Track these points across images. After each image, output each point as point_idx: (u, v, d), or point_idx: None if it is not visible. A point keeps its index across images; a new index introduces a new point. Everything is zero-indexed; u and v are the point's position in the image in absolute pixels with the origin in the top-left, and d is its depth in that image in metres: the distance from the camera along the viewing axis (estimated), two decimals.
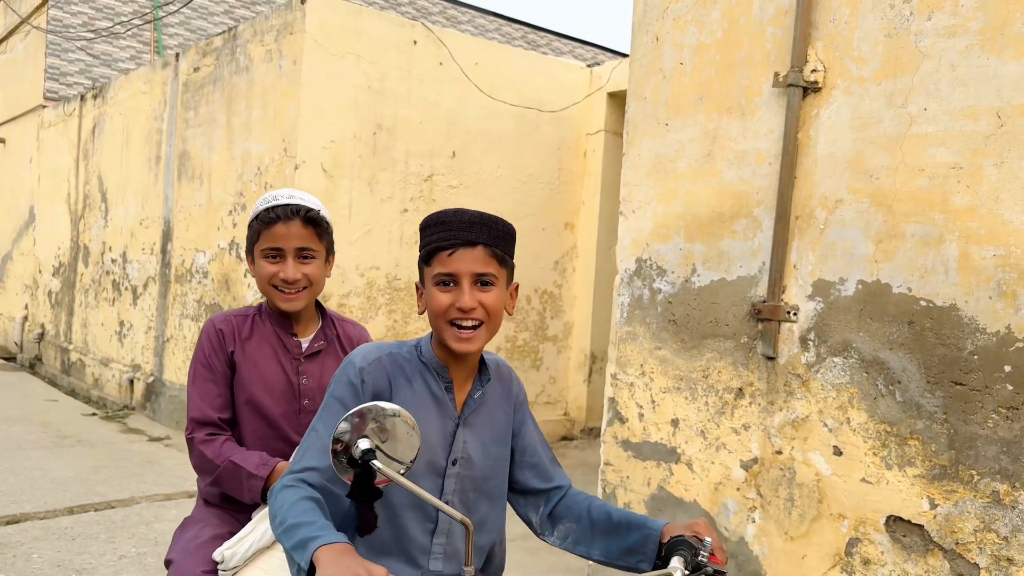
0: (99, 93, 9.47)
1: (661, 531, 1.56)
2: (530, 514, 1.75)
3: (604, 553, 1.64)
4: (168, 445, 6.86)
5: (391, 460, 1.35)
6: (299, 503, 1.37)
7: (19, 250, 12.06)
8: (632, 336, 3.84)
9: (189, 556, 1.95)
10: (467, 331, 1.53)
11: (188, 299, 7.40)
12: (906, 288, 2.86)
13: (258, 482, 1.99)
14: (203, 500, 2.19)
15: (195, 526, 2.08)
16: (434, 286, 1.54)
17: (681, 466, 3.61)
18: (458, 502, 1.62)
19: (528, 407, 1.79)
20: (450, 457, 1.61)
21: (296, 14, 6.05)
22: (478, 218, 1.54)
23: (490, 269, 1.53)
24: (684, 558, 1.46)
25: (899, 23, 2.90)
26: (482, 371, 1.67)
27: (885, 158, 2.93)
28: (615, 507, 1.68)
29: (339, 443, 1.33)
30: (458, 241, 1.51)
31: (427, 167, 6.63)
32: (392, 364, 1.59)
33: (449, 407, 1.62)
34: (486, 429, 1.66)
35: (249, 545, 1.93)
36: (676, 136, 3.64)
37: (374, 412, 1.34)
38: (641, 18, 3.84)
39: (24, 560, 4.19)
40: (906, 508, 2.84)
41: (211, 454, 2.05)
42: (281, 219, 2.06)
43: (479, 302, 1.52)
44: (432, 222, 1.56)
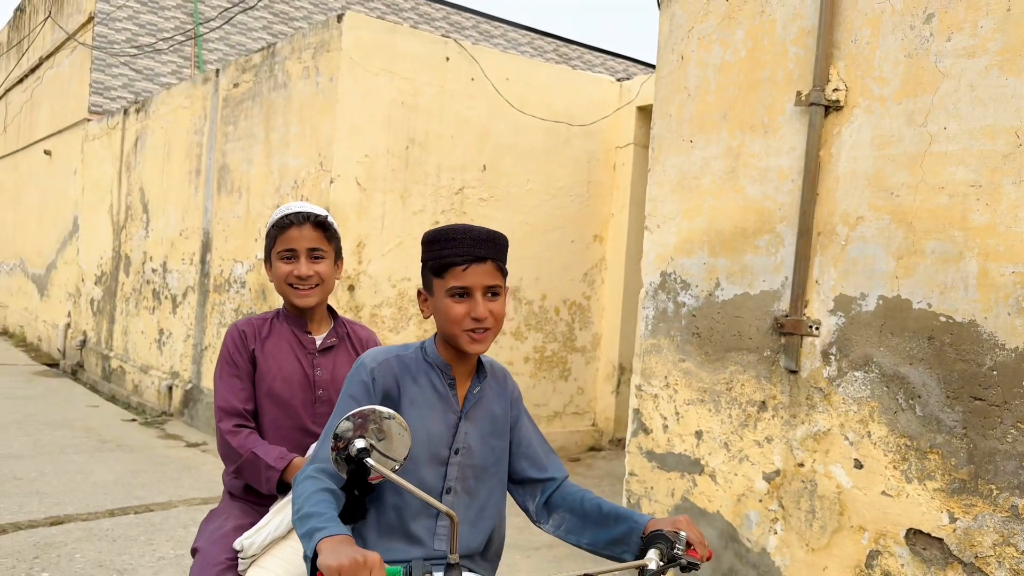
0: (142, 107, 9.76)
1: (645, 525, 1.68)
2: (527, 502, 1.90)
3: (592, 542, 1.78)
4: (205, 451, 7.03)
5: (386, 458, 1.49)
6: (315, 494, 1.53)
7: (63, 259, 12.41)
8: (657, 348, 3.91)
9: (213, 545, 2.14)
10: (480, 336, 1.70)
11: (226, 308, 7.59)
12: (926, 304, 2.90)
13: (275, 473, 2.17)
14: (228, 493, 2.38)
15: (219, 517, 2.26)
16: (448, 297, 1.70)
17: (704, 477, 3.67)
18: (461, 489, 1.77)
19: (523, 404, 1.95)
20: (453, 447, 1.76)
21: (333, 32, 6.22)
22: (486, 235, 1.72)
23: (497, 281, 1.72)
24: (660, 550, 1.57)
25: (919, 44, 2.96)
26: (479, 370, 1.84)
27: (905, 176, 2.98)
28: (606, 501, 1.81)
29: (340, 440, 1.47)
30: (471, 257, 1.68)
31: (458, 180, 6.75)
32: (399, 365, 1.77)
33: (452, 402, 1.78)
34: (485, 422, 1.82)
35: (266, 535, 2.09)
36: (700, 153, 3.72)
37: (372, 415, 1.48)
38: (667, 37, 3.93)
39: (67, 560, 4.35)
40: (926, 521, 2.88)
41: (236, 444, 2.24)
42: (294, 224, 2.32)
43: (490, 311, 1.70)
44: (441, 237, 1.72)
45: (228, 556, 2.10)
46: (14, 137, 15.83)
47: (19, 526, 4.83)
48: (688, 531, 1.62)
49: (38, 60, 14.28)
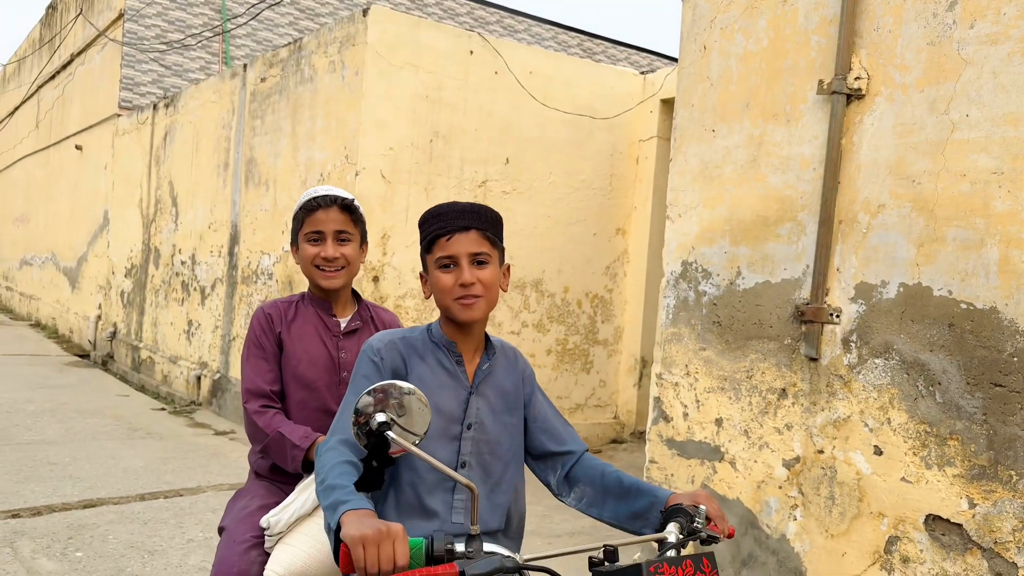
0: (171, 102, 9.91)
1: (666, 499, 1.71)
2: (548, 476, 1.93)
3: (613, 516, 1.81)
4: (233, 439, 7.16)
5: (406, 432, 1.52)
6: (338, 466, 1.57)
7: (93, 252, 12.63)
8: (677, 337, 3.94)
9: (239, 523, 2.20)
10: (470, 301, 1.74)
11: (254, 299, 7.71)
12: (947, 291, 2.91)
13: (299, 452, 2.21)
14: (254, 473, 2.43)
15: (245, 497, 2.32)
16: (437, 269, 1.76)
17: (724, 464, 3.70)
18: (475, 463, 1.80)
19: (536, 382, 1.99)
20: (465, 422, 1.80)
21: (358, 26, 6.30)
22: (469, 207, 1.77)
23: (483, 249, 1.75)
24: (680, 524, 1.59)
25: (942, 31, 2.97)
26: (488, 348, 1.88)
27: (927, 163, 2.99)
28: (627, 474, 1.84)
29: (361, 415, 1.50)
30: (454, 228, 1.73)
31: (481, 173, 6.81)
32: (405, 346, 1.81)
33: (461, 378, 1.82)
34: (496, 397, 1.85)
35: (292, 513, 2.14)
36: (722, 142, 3.74)
37: (392, 390, 1.51)
38: (689, 28, 3.95)
39: (101, 541, 4.46)
40: (945, 507, 2.89)
41: (262, 424, 2.28)
42: (322, 206, 2.37)
43: (477, 278, 1.74)
44: (429, 216, 1.79)
45: (254, 534, 2.15)
46: (46, 133, 16.12)
47: (54, 508, 4.96)
48: (708, 505, 1.63)
49: (69, 57, 14.53)
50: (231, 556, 2.10)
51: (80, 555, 4.26)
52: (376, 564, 1.32)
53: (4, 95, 21.32)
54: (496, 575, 1.36)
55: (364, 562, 1.31)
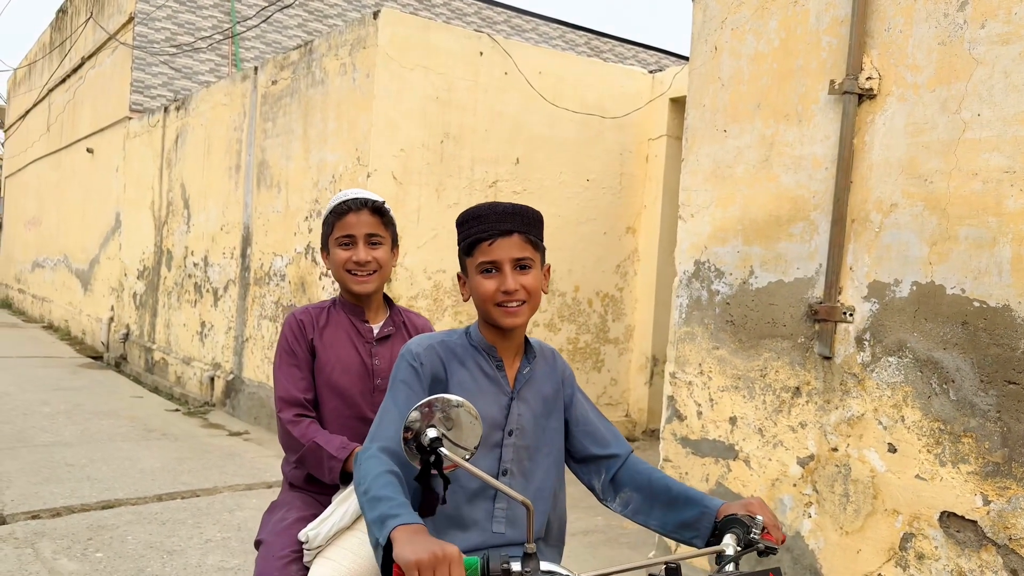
0: (182, 105, 9.98)
1: (717, 510, 1.64)
2: (593, 481, 1.87)
3: (661, 524, 1.75)
4: (247, 440, 7.21)
5: (456, 447, 1.47)
6: (382, 476, 1.51)
7: (106, 254, 12.72)
8: (690, 336, 3.96)
9: (277, 537, 2.14)
10: (513, 308, 1.70)
11: (266, 301, 7.76)
12: (960, 289, 2.93)
13: (337, 463, 2.16)
14: (288, 484, 2.38)
15: (281, 509, 2.27)
16: (479, 274, 1.71)
17: (739, 463, 3.72)
18: (517, 470, 1.76)
19: (576, 383, 1.94)
20: (506, 428, 1.75)
21: (369, 29, 6.34)
22: (511, 209, 1.71)
23: (526, 253, 1.70)
24: (737, 535, 1.53)
25: (953, 31, 2.98)
26: (527, 351, 1.83)
27: (939, 163, 3.00)
28: (675, 481, 1.77)
29: (409, 431, 1.45)
30: (496, 232, 1.68)
31: (492, 174, 6.84)
32: (444, 350, 1.76)
33: (502, 383, 1.78)
34: (537, 402, 1.81)
35: (331, 526, 2.08)
36: (734, 142, 3.76)
37: (441, 403, 1.46)
38: (700, 28, 3.98)
39: (120, 541, 4.52)
40: (960, 504, 2.91)
41: (297, 434, 2.24)
42: (352, 209, 2.32)
43: (520, 284, 1.69)
44: (469, 217, 1.73)
45: (293, 548, 2.10)
46: (57, 136, 16.22)
47: (72, 509, 5.02)
48: (763, 514, 1.58)
49: (80, 60, 14.62)
50: (270, 571, 2.06)
51: (100, 555, 4.31)
52: None
53: (15, 99, 21.45)
54: None
55: None
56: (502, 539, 1.73)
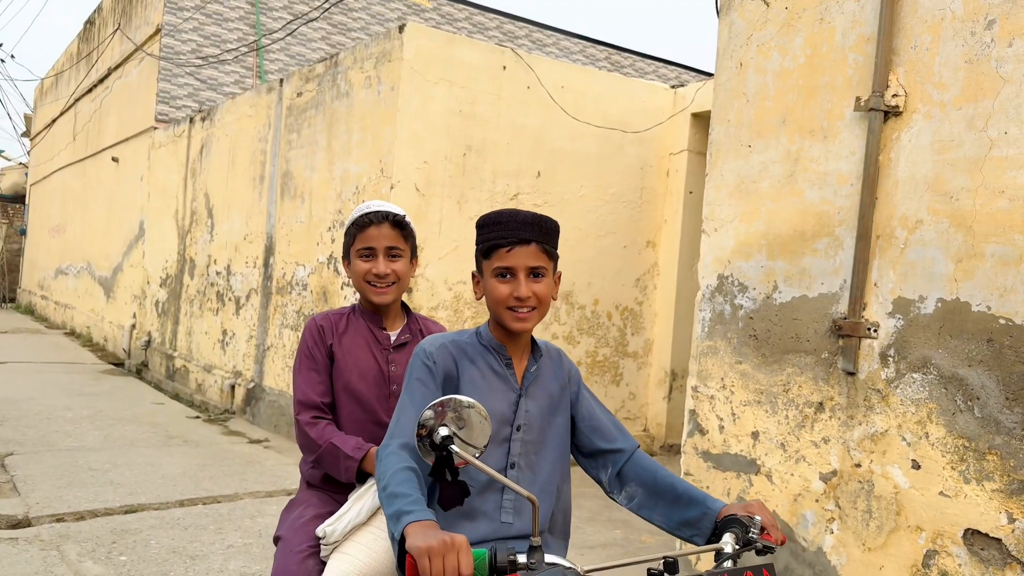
0: (207, 116, 10.11)
1: (719, 511, 1.71)
2: (600, 474, 1.95)
3: (664, 521, 1.83)
4: (267, 447, 7.27)
5: (467, 445, 1.55)
6: (400, 472, 1.61)
7: (129, 262, 12.87)
8: (713, 350, 3.98)
9: (295, 533, 2.23)
10: (523, 313, 1.79)
11: (288, 310, 7.84)
12: (985, 306, 2.93)
13: (353, 463, 2.24)
14: (306, 483, 2.46)
15: (299, 507, 2.35)
16: (494, 277, 1.80)
17: (760, 477, 3.72)
18: (524, 464, 1.85)
19: (582, 381, 2.02)
20: (514, 424, 1.84)
21: (394, 43, 6.42)
22: (531, 218, 1.80)
23: (541, 263, 1.79)
24: (735, 534, 1.61)
25: (980, 49, 3.00)
26: (534, 351, 1.92)
27: (965, 180, 3.01)
28: (680, 480, 1.85)
29: (423, 429, 1.53)
30: (515, 239, 1.77)
31: (513, 186, 6.89)
32: (456, 349, 1.85)
33: (511, 380, 1.86)
34: (544, 399, 1.90)
35: (347, 522, 2.16)
36: (759, 157, 3.79)
37: (452, 404, 1.54)
38: (726, 45, 4.01)
39: (143, 546, 4.57)
40: (984, 522, 2.90)
41: (315, 435, 2.32)
42: (374, 223, 2.40)
43: (532, 291, 1.78)
44: (490, 221, 1.83)
45: (310, 543, 2.18)
46: (83, 145, 16.46)
47: (96, 513, 5.08)
48: (762, 515, 1.65)
49: (107, 71, 14.85)
50: (289, 565, 2.14)
51: (124, 559, 4.36)
52: (442, 574, 1.36)
53: (42, 108, 21.79)
54: None
55: (430, 572, 1.36)
56: (510, 529, 1.81)
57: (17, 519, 4.83)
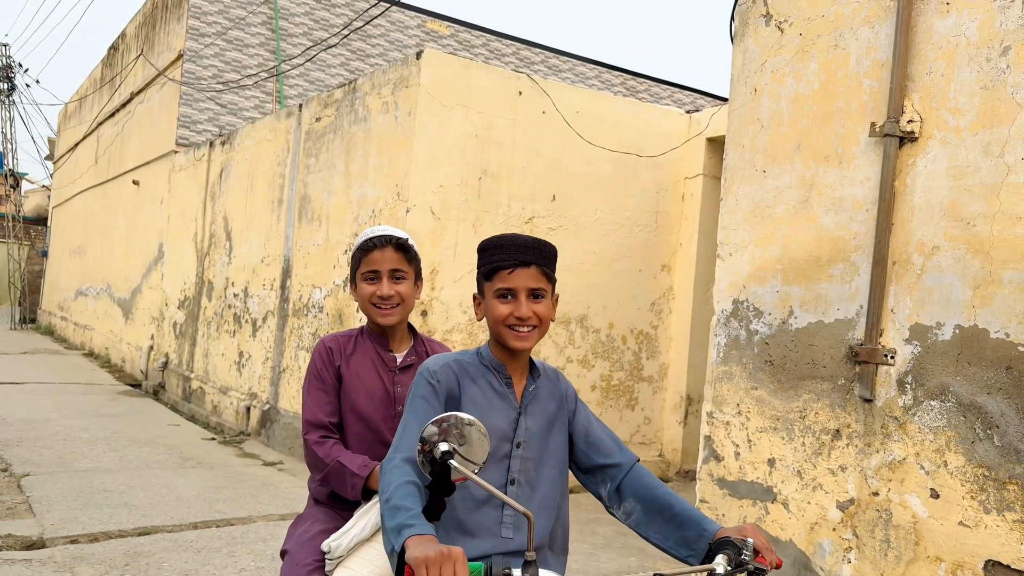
0: (227, 140, 10.23)
1: (714, 533, 1.73)
2: (599, 489, 1.97)
3: (660, 538, 1.85)
4: (281, 470, 7.27)
5: (466, 461, 1.59)
6: (403, 486, 1.64)
7: (148, 284, 12.98)
8: (728, 376, 3.95)
9: (301, 547, 2.28)
10: (524, 332, 1.86)
11: (304, 332, 7.87)
12: (1004, 334, 2.90)
13: (359, 480, 2.29)
14: (313, 499, 2.51)
15: (306, 522, 2.41)
16: (495, 298, 1.86)
17: (777, 505, 3.68)
18: (523, 481, 1.89)
19: (579, 399, 2.05)
20: (514, 441, 1.89)
21: (412, 69, 6.48)
22: (531, 242, 1.88)
23: (541, 284, 1.86)
24: (728, 556, 1.63)
25: (995, 76, 2.99)
26: (532, 371, 1.98)
27: (982, 206, 3.00)
28: (679, 499, 1.87)
29: (425, 444, 1.57)
30: (516, 262, 1.84)
31: (528, 210, 6.91)
32: (459, 368, 1.91)
33: (511, 399, 1.92)
34: (543, 417, 1.94)
35: (352, 537, 2.21)
36: (773, 183, 3.78)
37: (454, 420, 1.58)
38: (740, 71, 4.02)
39: (156, 568, 4.56)
40: (1005, 553, 2.85)
41: (322, 454, 2.38)
42: (377, 247, 2.46)
43: (533, 311, 1.85)
44: (492, 245, 1.89)
45: (316, 558, 2.23)
46: (104, 168, 16.69)
47: (110, 535, 5.08)
48: (755, 538, 1.66)
49: (129, 95, 15.09)
50: None
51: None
52: None
53: (65, 132, 22.14)
54: None
55: None
56: (510, 544, 1.84)
57: (32, 540, 4.84)
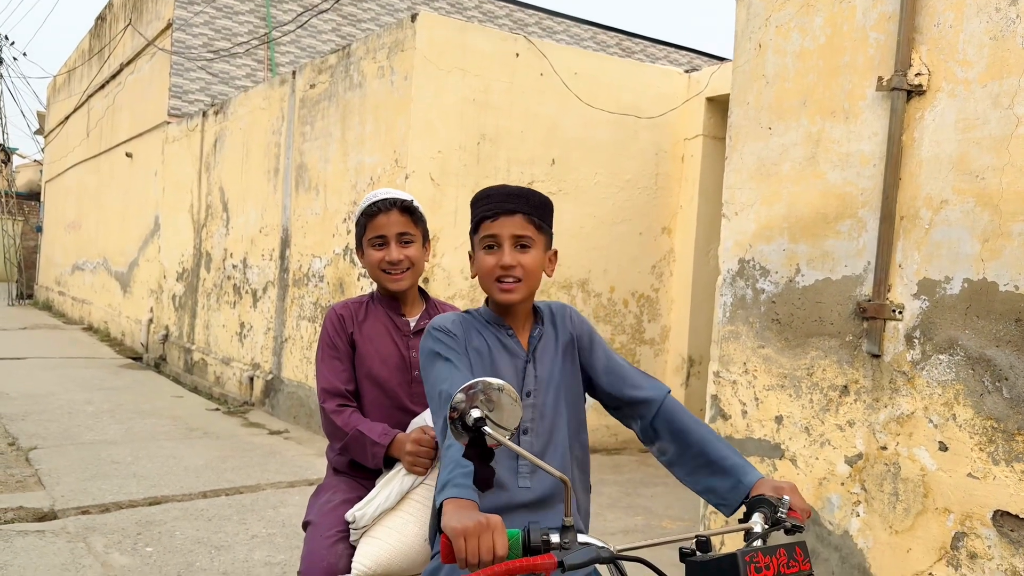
0: (220, 109, 10.13)
1: (750, 488, 1.70)
2: (632, 425, 1.94)
3: (692, 482, 1.82)
4: (287, 438, 7.30)
5: (498, 427, 1.55)
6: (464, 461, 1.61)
7: (145, 257, 12.94)
8: (735, 335, 3.96)
9: (324, 518, 2.25)
10: (509, 284, 1.82)
11: (305, 301, 7.86)
12: (1013, 286, 2.90)
13: (380, 449, 2.25)
14: (333, 469, 2.48)
15: (327, 492, 2.38)
16: (481, 250, 1.84)
17: (785, 462, 3.71)
18: (538, 429, 1.87)
19: (595, 333, 1.99)
20: (523, 390, 1.87)
21: (407, 32, 6.40)
22: (517, 191, 1.85)
23: (527, 233, 1.82)
24: (764, 514, 1.62)
25: (1004, 26, 2.96)
26: (537, 317, 1.94)
27: (991, 159, 2.98)
28: (714, 441, 1.81)
29: (455, 411, 1.54)
30: (500, 210, 1.81)
31: (528, 174, 6.87)
32: (466, 321, 1.90)
33: (517, 350, 1.89)
34: (552, 360, 1.91)
35: (376, 507, 2.18)
36: (779, 140, 3.75)
37: (483, 385, 1.54)
38: (744, 26, 3.97)
39: (168, 536, 4.60)
40: (1014, 503, 2.88)
41: (340, 423, 2.34)
42: (382, 211, 2.41)
43: (518, 261, 1.80)
44: (479, 197, 1.87)
45: (340, 528, 2.21)
46: (96, 141, 16.54)
47: (120, 505, 5.12)
48: (792, 496, 1.65)
49: (119, 66, 14.90)
50: (319, 549, 2.16)
51: (150, 550, 4.39)
52: (476, 554, 1.37)
53: (55, 105, 21.90)
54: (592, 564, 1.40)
55: (465, 553, 1.37)
56: (528, 493, 1.83)
57: (43, 512, 4.87)
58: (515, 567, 1.35)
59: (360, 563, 2.10)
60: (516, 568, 1.35)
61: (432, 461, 2.21)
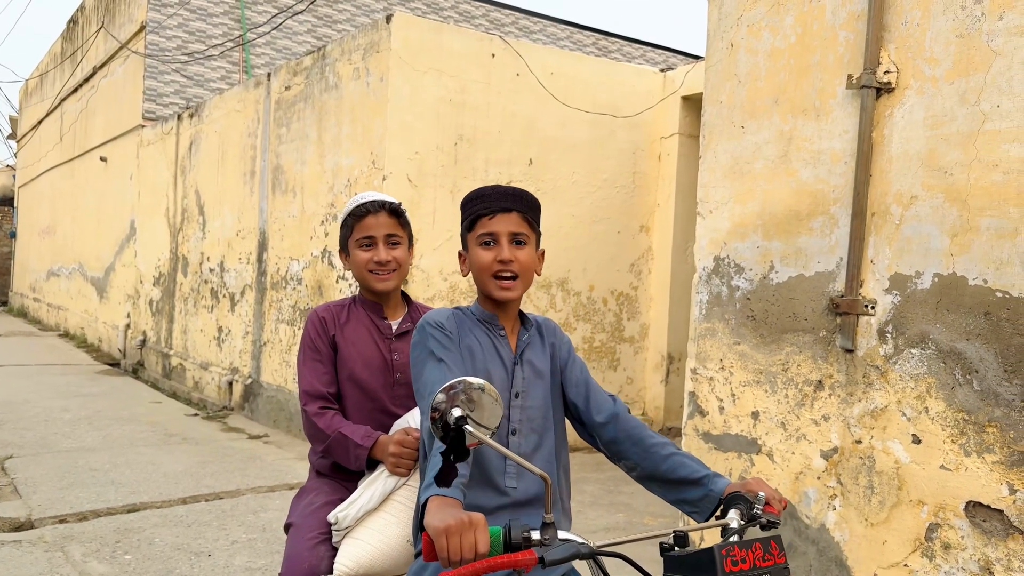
0: (195, 112, 10.05)
1: (721, 493, 1.75)
2: (597, 444, 1.98)
3: (663, 495, 1.87)
4: (267, 442, 7.26)
5: (479, 426, 1.56)
6: None
7: (121, 262, 12.81)
8: (711, 332, 3.99)
9: (307, 519, 2.26)
10: (506, 281, 1.86)
11: (283, 305, 7.82)
12: (982, 280, 2.95)
13: (363, 451, 2.26)
14: (315, 471, 2.49)
15: (310, 494, 2.38)
16: (478, 247, 1.87)
17: (762, 457, 3.74)
18: (525, 430, 1.90)
19: (573, 350, 2.05)
20: (512, 390, 1.90)
21: (382, 33, 6.39)
22: (512, 191, 1.89)
23: (523, 230, 1.87)
24: (740, 511, 1.65)
25: (970, 24, 3.00)
26: (525, 322, 1.99)
27: (959, 155, 3.02)
28: (677, 458, 1.84)
29: (436, 411, 1.54)
30: (497, 208, 1.86)
31: (506, 175, 6.88)
32: (457, 318, 1.92)
33: (506, 350, 1.93)
34: (538, 366, 1.96)
35: (359, 508, 2.19)
36: (752, 138, 3.79)
37: (463, 385, 1.55)
38: (716, 26, 4.00)
39: (148, 544, 4.57)
40: (985, 494, 2.93)
41: (323, 425, 2.34)
42: (371, 212, 2.43)
43: (515, 257, 1.85)
44: (474, 196, 1.91)
45: (322, 530, 2.21)
46: (70, 145, 16.36)
47: (99, 513, 5.07)
48: (765, 491, 1.69)
49: (92, 70, 14.74)
50: (301, 551, 2.17)
51: (129, 558, 4.36)
52: (459, 552, 1.38)
53: (27, 109, 21.63)
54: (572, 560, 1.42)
55: (447, 551, 1.38)
56: (514, 493, 1.85)
57: (20, 521, 4.82)
58: (496, 564, 1.36)
59: (342, 564, 2.11)
60: (497, 565, 1.36)
61: (415, 463, 2.21)
